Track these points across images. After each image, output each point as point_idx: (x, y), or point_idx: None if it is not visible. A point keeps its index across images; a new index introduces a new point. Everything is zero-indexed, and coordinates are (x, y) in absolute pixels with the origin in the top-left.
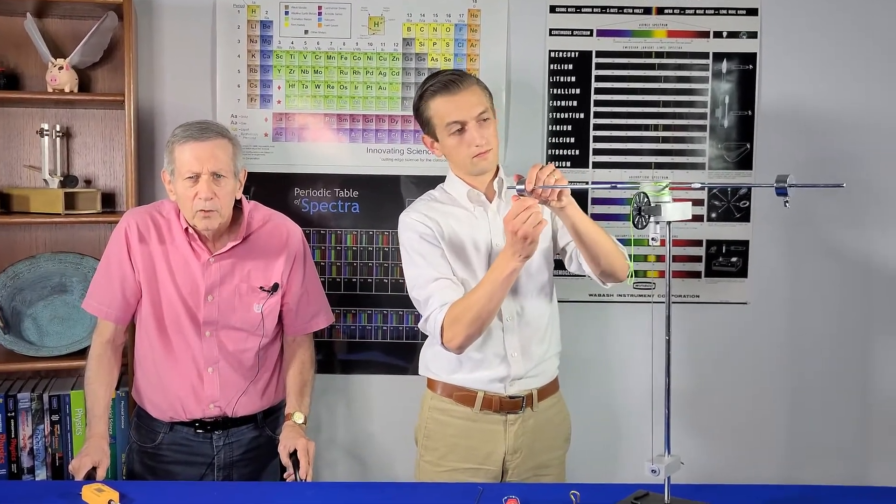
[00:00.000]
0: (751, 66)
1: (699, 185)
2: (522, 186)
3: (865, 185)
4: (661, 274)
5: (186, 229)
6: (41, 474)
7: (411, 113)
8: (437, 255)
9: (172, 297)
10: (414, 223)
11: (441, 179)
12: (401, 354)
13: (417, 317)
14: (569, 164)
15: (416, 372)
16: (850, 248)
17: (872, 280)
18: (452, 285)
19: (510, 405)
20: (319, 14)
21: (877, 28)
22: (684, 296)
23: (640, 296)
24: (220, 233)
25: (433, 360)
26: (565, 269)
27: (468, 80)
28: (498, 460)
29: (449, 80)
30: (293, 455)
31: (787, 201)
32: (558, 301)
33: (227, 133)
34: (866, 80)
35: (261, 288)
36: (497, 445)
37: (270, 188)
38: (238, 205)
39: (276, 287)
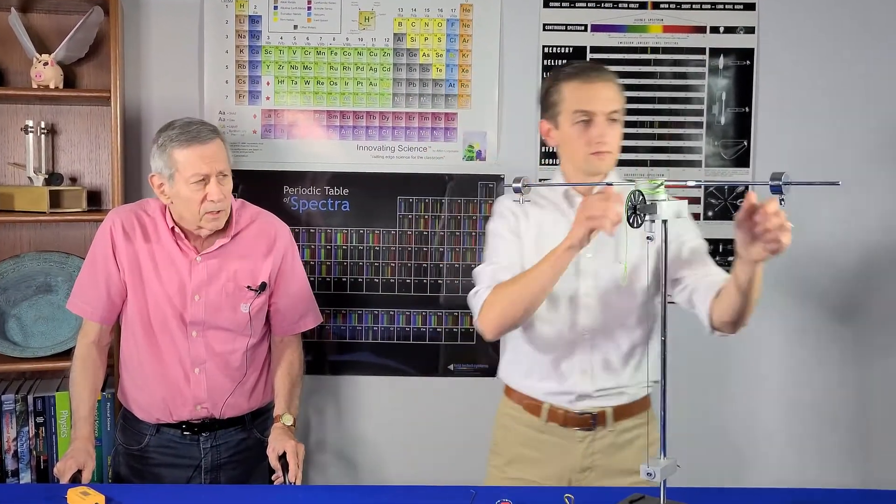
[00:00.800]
0: (748, 62)
1: (695, 184)
2: (518, 185)
3: (865, 184)
4: None
5: (173, 228)
6: (26, 477)
7: (402, 109)
8: (510, 246)
9: (158, 297)
10: (501, 210)
11: (434, 178)
12: (392, 355)
13: (408, 317)
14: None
15: (406, 373)
16: (849, 247)
17: (872, 279)
18: (512, 272)
19: (578, 421)
20: (309, 9)
21: (875, 23)
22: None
23: None
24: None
25: (507, 366)
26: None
27: (608, 74)
28: (563, 478)
29: (589, 68)
30: (282, 458)
31: (782, 199)
32: None
33: (218, 131)
34: (866, 76)
35: (248, 287)
36: (563, 462)
37: (259, 186)
38: None
39: (263, 286)
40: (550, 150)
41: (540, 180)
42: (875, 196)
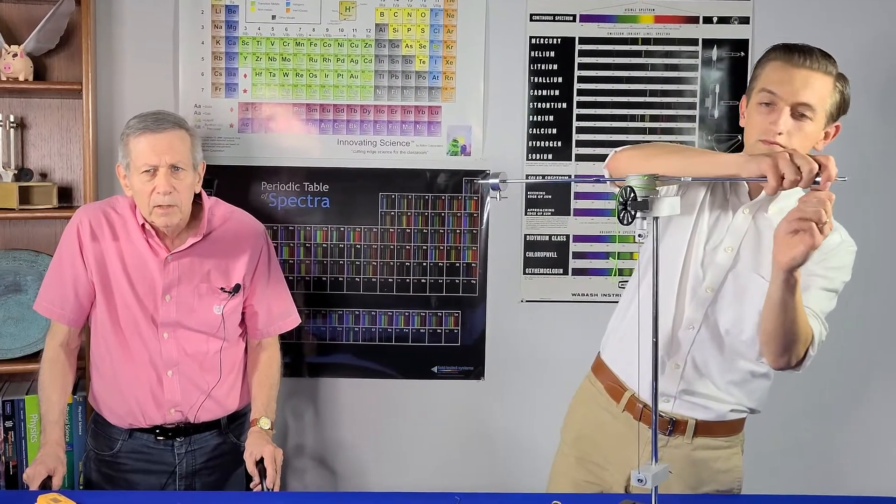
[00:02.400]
0: (742, 54)
1: (688, 179)
2: (496, 181)
3: (865, 179)
4: None
5: (143, 225)
6: None
7: (384, 103)
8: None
9: (128, 297)
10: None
11: (417, 173)
12: (373, 357)
13: (391, 318)
14: (550, 156)
15: (388, 376)
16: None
17: (872, 277)
18: None
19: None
20: None
21: (874, 14)
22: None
23: None
24: (178, 229)
25: (611, 335)
26: (544, 268)
27: (822, 64)
28: (624, 472)
29: (804, 49)
30: (259, 463)
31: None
32: (535, 300)
33: (185, 123)
34: (864, 69)
35: (221, 289)
36: (627, 457)
37: (236, 182)
38: (198, 200)
39: (237, 288)
40: (538, 145)
41: (527, 176)
42: (876, 192)
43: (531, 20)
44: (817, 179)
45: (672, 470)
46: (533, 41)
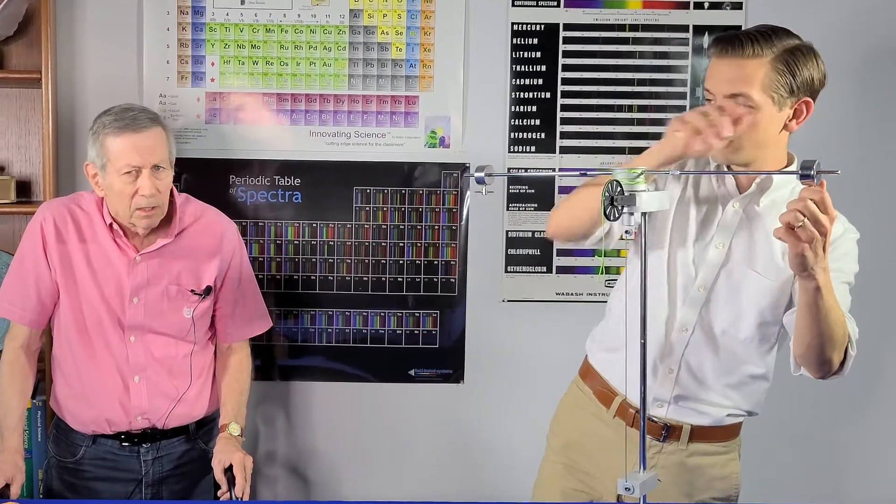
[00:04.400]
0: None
1: (678, 173)
2: (481, 174)
3: (865, 173)
4: None
5: (111, 225)
6: None
7: (359, 92)
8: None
9: (94, 299)
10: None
11: (394, 166)
12: (347, 359)
13: (366, 318)
14: (533, 148)
15: (363, 379)
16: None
17: (871, 277)
18: None
19: (648, 427)
20: None
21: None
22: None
23: None
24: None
25: (597, 336)
26: (527, 266)
27: (754, 49)
28: (615, 481)
29: (733, 38)
30: (228, 471)
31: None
32: (517, 300)
33: (160, 119)
34: (864, 56)
35: (192, 291)
36: (619, 464)
37: (203, 176)
38: (169, 197)
39: (208, 290)
40: (520, 137)
41: (508, 169)
42: (876, 188)
43: (513, 5)
44: (809, 174)
45: (665, 477)
46: (515, 27)
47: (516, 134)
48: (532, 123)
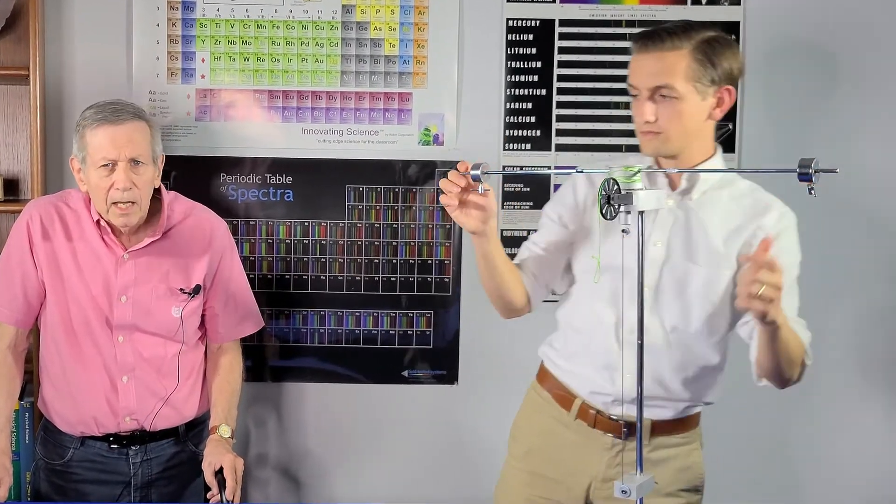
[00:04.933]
0: (734, 37)
1: (675, 171)
2: (477, 173)
3: (865, 171)
4: None
5: (98, 222)
6: None
7: (352, 89)
8: (550, 232)
9: (81, 298)
10: (565, 186)
11: (387, 164)
12: (340, 360)
13: (359, 318)
14: (528, 146)
15: (356, 380)
16: (847, 242)
17: (871, 277)
18: (540, 258)
19: (609, 426)
20: None
21: None
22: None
23: None
24: (136, 227)
25: (552, 344)
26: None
27: (672, 42)
28: (583, 483)
29: (651, 34)
30: (219, 473)
31: (811, 188)
32: None
33: (144, 114)
34: (863, 51)
35: (181, 290)
36: (586, 465)
37: (193, 174)
38: (156, 195)
39: (197, 289)
40: (515, 134)
41: (503, 167)
42: (876, 184)
43: (508, 1)
44: (808, 172)
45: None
46: (510, 23)
47: (511, 131)
48: (527, 121)
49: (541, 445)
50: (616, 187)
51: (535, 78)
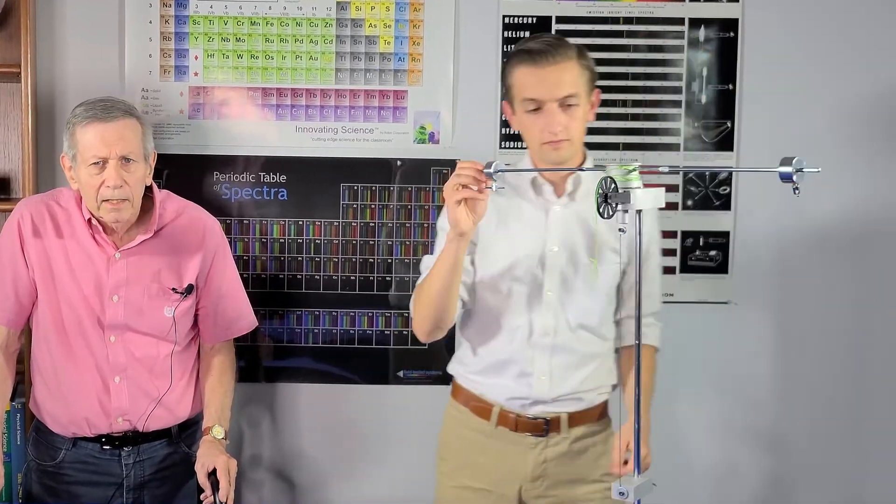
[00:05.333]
0: (732, 34)
1: (673, 169)
2: (490, 171)
3: (864, 169)
4: None
5: (89, 220)
6: None
7: (346, 87)
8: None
9: (73, 297)
10: None
11: (382, 163)
12: (334, 361)
13: (353, 318)
14: (525, 144)
15: (350, 381)
16: (846, 241)
17: (870, 277)
18: None
19: (530, 426)
20: None
21: None
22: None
23: None
24: (128, 225)
25: (460, 361)
26: None
27: (564, 52)
28: (514, 486)
29: (540, 50)
30: (212, 474)
31: (796, 188)
32: None
33: (135, 111)
34: (864, 49)
35: (173, 289)
36: (514, 469)
37: (186, 172)
38: (148, 193)
39: (190, 289)
40: (512, 133)
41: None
42: (875, 181)
43: None
44: (789, 172)
45: (556, 468)
46: (507, 20)
47: (508, 129)
48: None
49: (467, 459)
50: (613, 186)
51: None
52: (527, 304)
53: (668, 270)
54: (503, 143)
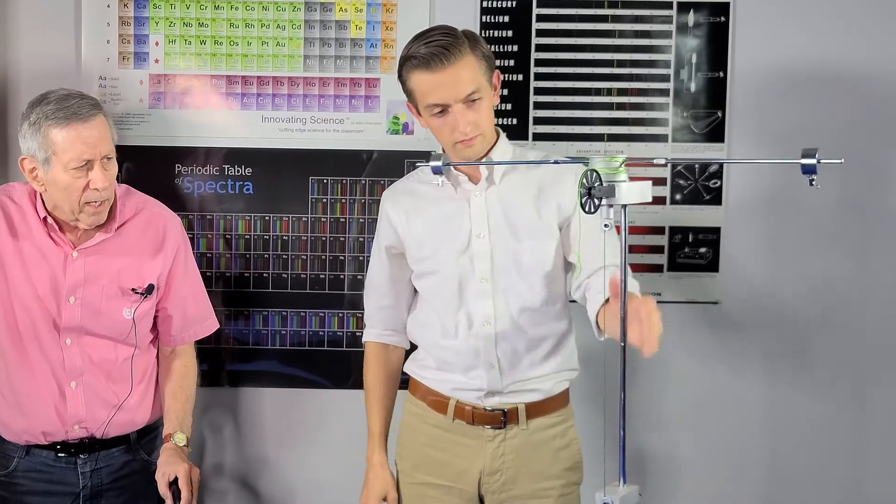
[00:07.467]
0: (723, 19)
1: (661, 161)
2: (437, 164)
3: (862, 161)
4: None
5: (45, 218)
6: None
7: (316, 74)
8: (377, 264)
9: (26, 299)
10: (384, 210)
11: (353, 155)
12: (302, 363)
13: (322, 319)
14: (504, 135)
15: (318, 385)
16: (842, 237)
17: (869, 275)
18: (394, 315)
19: (487, 418)
20: None
21: None
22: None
23: None
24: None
25: (414, 358)
26: None
27: (458, 51)
28: (473, 481)
29: (433, 54)
30: (173, 483)
31: (812, 180)
32: None
33: (100, 105)
34: (861, 34)
35: (133, 290)
36: (472, 463)
37: (147, 164)
38: None
39: (151, 289)
40: None
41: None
42: (872, 173)
43: None
44: (812, 164)
45: (515, 461)
46: (484, 4)
47: None
48: (503, 108)
49: (426, 455)
50: (598, 179)
51: (511, 62)
52: (463, 296)
53: (656, 268)
54: None
